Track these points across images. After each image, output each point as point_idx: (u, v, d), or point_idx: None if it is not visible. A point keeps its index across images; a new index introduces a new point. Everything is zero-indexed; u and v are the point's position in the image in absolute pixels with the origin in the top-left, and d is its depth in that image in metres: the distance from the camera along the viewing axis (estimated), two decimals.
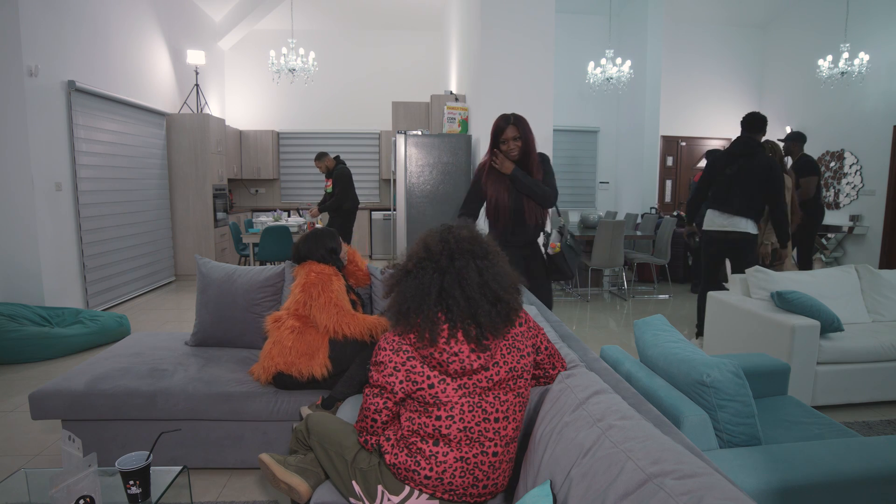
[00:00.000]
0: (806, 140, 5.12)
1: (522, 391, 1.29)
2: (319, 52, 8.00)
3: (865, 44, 6.64)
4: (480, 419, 1.22)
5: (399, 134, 4.30)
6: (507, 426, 1.25)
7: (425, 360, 1.23)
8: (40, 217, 4.12)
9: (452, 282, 1.22)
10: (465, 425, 1.21)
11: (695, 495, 0.76)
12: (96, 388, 2.08)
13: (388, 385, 1.25)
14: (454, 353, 1.21)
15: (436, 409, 1.22)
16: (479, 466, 1.23)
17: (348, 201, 5.62)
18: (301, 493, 1.41)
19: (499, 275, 1.25)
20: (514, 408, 1.26)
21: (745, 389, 1.47)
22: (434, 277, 1.23)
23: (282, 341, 2.08)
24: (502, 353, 1.25)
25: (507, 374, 1.25)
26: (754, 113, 3.54)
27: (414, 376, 1.23)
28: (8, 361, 3.48)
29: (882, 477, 1.31)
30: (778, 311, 2.87)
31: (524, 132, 2.54)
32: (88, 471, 1.34)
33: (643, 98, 7.58)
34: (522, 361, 1.28)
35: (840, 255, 7.16)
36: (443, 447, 1.22)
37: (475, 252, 1.25)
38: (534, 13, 3.91)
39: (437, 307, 1.22)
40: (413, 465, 1.23)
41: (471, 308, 1.21)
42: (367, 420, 1.31)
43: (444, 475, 1.22)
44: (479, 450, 1.22)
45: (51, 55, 4.25)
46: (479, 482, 1.23)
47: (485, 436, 1.22)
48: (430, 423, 1.23)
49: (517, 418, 1.27)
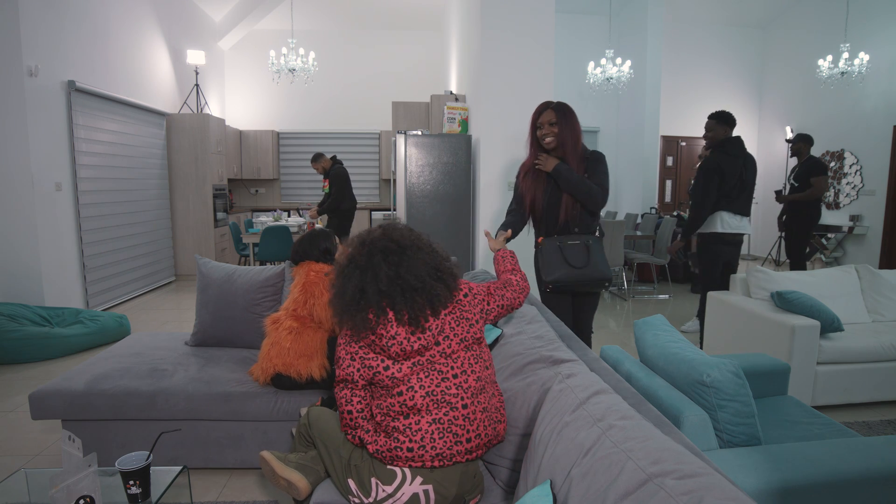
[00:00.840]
0: (813, 142, 5.07)
1: (476, 351, 1.40)
2: (319, 52, 8.00)
3: (865, 44, 6.64)
4: (439, 380, 1.32)
5: (399, 134, 4.30)
6: (469, 378, 1.34)
7: (371, 348, 1.34)
8: (40, 217, 4.12)
9: (371, 278, 1.33)
10: (426, 391, 1.30)
11: (695, 495, 0.76)
12: (96, 388, 2.08)
13: (348, 376, 1.35)
14: (391, 337, 1.31)
15: (395, 387, 1.31)
16: (454, 423, 1.30)
17: (346, 201, 5.62)
18: (300, 489, 1.42)
19: (413, 267, 1.34)
20: (469, 361, 1.37)
21: (745, 389, 1.47)
22: (356, 275, 1.35)
23: (280, 342, 2.08)
24: (451, 325, 1.37)
25: (459, 344, 1.36)
26: (727, 111, 3.54)
27: (368, 362, 1.33)
28: (8, 361, 3.48)
29: (882, 477, 1.31)
30: (778, 311, 2.87)
31: (562, 118, 2.29)
32: (88, 471, 1.34)
33: (643, 98, 7.57)
34: (472, 329, 1.41)
35: (840, 255, 7.16)
36: (414, 417, 1.29)
37: (388, 249, 1.36)
38: (534, 13, 3.91)
39: (364, 301, 1.32)
40: (394, 443, 1.29)
41: (389, 298, 1.32)
42: (344, 416, 1.38)
43: (425, 441, 1.28)
44: (447, 408, 1.31)
45: (51, 55, 4.25)
46: (460, 438, 1.30)
47: (448, 393, 1.31)
48: (396, 402, 1.31)
49: (476, 369, 1.37)
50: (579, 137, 2.33)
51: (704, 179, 3.48)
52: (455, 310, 1.39)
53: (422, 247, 1.40)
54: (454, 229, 4.37)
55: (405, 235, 1.41)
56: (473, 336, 1.41)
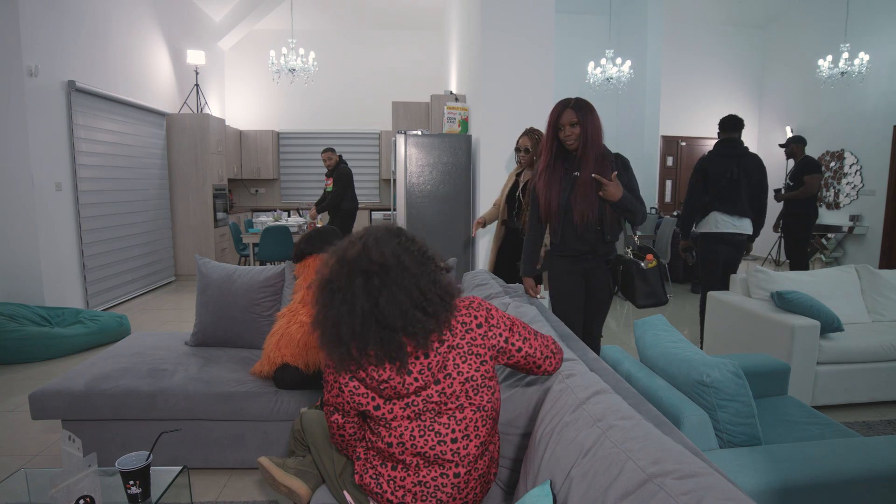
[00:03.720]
0: (807, 143, 5.16)
1: (484, 403, 1.16)
2: (319, 52, 8.00)
3: (865, 44, 6.64)
4: (435, 443, 1.13)
5: (399, 134, 4.30)
6: (469, 444, 1.15)
7: (363, 383, 1.13)
8: (40, 217, 4.12)
9: (346, 311, 1.08)
10: (417, 451, 1.13)
11: (695, 495, 0.76)
12: (96, 388, 2.08)
13: (338, 405, 1.20)
14: (384, 381, 1.10)
15: (385, 431, 1.14)
16: (440, 489, 1.14)
17: (347, 201, 5.62)
18: (301, 495, 1.41)
19: (395, 298, 1.07)
20: (476, 423, 1.15)
21: (745, 389, 1.47)
22: (336, 302, 1.10)
23: (290, 334, 2.08)
24: (455, 362, 1.13)
25: (462, 385, 1.13)
26: (733, 115, 3.67)
27: (357, 398, 1.14)
28: (8, 361, 3.48)
29: (882, 477, 1.31)
30: (778, 311, 2.87)
31: (584, 117, 2.14)
32: (88, 471, 1.34)
33: (643, 98, 7.57)
34: (483, 368, 1.16)
35: (840, 255, 7.16)
36: (400, 471, 1.16)
37: (369, 271, 1.08)
38: (534, 13, 3.90)
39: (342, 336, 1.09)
40: (376, 487, 1.18)
41: (363, 340, 1.07)
42: (335, 436, 1.29)
43: (406, 499, 1.15)
44: (438, 472, 1.14)
45: (51, 55, 4.25)
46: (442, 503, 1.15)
47: (443, 458, 1.13)
48: (384, 446, 1.16)
49: (480, 434, 1.16)
50: (601, 134, 2.19)
51: (691, 180, 3.70)
52: (462, 343, 1.14)
53: (408, 265, 1.10)
54: (454, 229, 4.36)
55: (388, 253, 1.10)
56: (483, 375, 1.15)
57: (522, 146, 3.16)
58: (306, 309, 2.15)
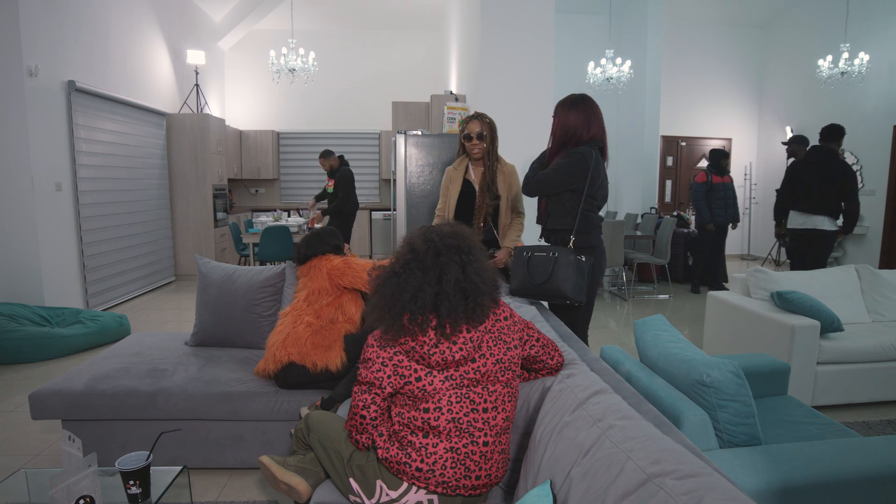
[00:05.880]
0: (809, 143, 5.16)
1: (511, 382, 1.32)
2: (319, 52, 8.00)
3: (865, 44, 6.64)
4: (469, 409, 1.25)
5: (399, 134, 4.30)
6: (497, 416, 1.28)
7: (410, 355, 1.27)
8: (40, 217, 4.12)
9: (433, 279, 1.26)
10: (453, 416, 1.24)
11: (695, 495, 0.76)
12: (96, 388, 2.08)
13: (376, 381, 1.28)
14: (434, 346, 1.25)
15: (424, 401, 1.25)
16: (469, 457, 1.25)
17: (349, 204, 5.62)
18: (301, 492, 1.41)
19: (481, 269, 1.30)
20: (504, 398, 1.29)
21: (745, 389, 1.47)
22: (418, 276, 1.27)
23: (297, 333, 2.08)
24: (488, 345, 1.30)
25: (494, 365, 1.29)
26: (834, 124, 4.18)
27: (402, 370, 1.26)
28: (8, 361, 3.48)
29: (882, 477, 1.31)
30: (778, 311, 2.87)
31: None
32: (88, 471, 1.34)
33: (643, 98, 7.57)
34: (509, 353, 1.33)
35: (840, 255, 7.16)
36: (433, 439, 1.24)
37: (459, 247, 1.30)
38: (534, 13, 3.90)
39: (422, 304, 1.25)
40: (404, 457, 1.25)
41: (449, 302, 1.25)
42: (355, 418, 1.33)
43: (436, 466, 1.23)
44: (468, 440, 1.25)
45: (51, 55, 4.25)
46: (471, 473, 1.25)
47: (474, 426, 1.25)
48: (419, 417, 1.25)
49: (507, 409, 1.30)
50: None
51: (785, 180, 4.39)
52: (493, 329, 1.32)
53: (484, 250, 1.35)
54: None
55: (470, 235, 1.35)
56: (510, 359, 1.32)
57: (474, 132, 2.67)
58: (312, 309, 2.15)
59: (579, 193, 2.26)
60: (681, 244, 6.31)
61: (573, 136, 2.27)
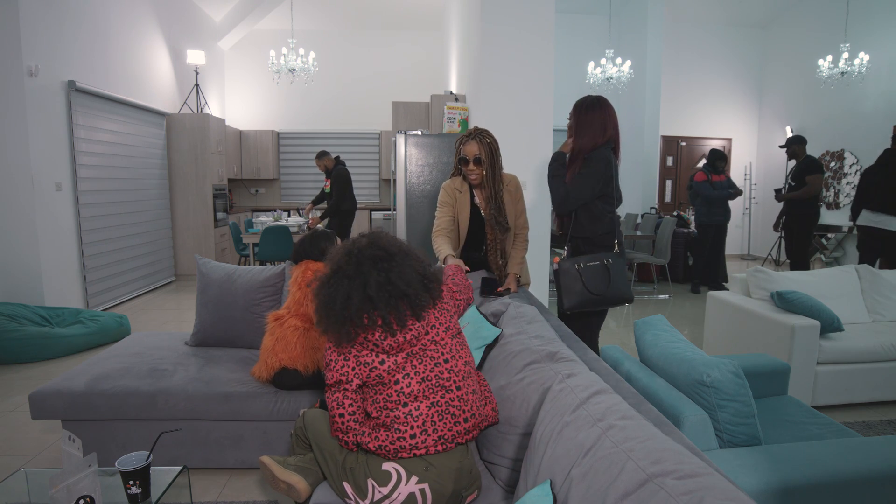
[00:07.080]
0: (807, 142, 5.18)
1: (458, 332, 1.49)
2: (319, 52, 8.00)
3: (865, 44, 6.64)
4: (432, 366, 1.36)
5: (399, 134, 4.29)
6: (458, 362, 1.40)
7: (364, 345, 1.35)
8: (40, 217, 4.12)
9: (359, 285, 1.34)
10: (421, 377, 1.34)
11: (695, 495, 0.76)
12: (96, 388, 2.08)
13: (343, 377, 1.35)
14: (383, 338, 1.35)
15: (392, 378, 1.34)
16: (451, 404, 1.34)
17: (346, 203, 5.62)
18: (300, 490, 1.42)
19: (403, 273, 1.37)
20: (456, 346, 1.43)
21: (745, 389, 1.47)
22: (345, 283, 1.35)
23: (286, 338, 2.08)
24: (435, 316, 1.42)
25: (446, 332, 1.42)
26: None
27: (363, 359, 1.34)
28: (8, 361, 3.48)
29: (882, 477, 1.31)
30: (778, 311, 2.87)
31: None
32: (88, 471, 1.34)
33: (643, 98, 7.57)
34: (453, 319, 1.49)
35: (840, 255, 7.16)
36: (413, 404, 1.32)
37: (376, 256, 1.38)
38: (534, 13, 3.90)
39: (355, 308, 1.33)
40: (395, 434, 1.29)
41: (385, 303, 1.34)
42: (335, 420, 1.37)
43: (426, 426, 1.30)
44: (443, 391, 1.35)
45: (51, 55, 4.25)
46: (458, 419, 1.34)
47: (441, 378, 1.36)
48: (393, 392, 1.33)
49: (462, 354, 1.44)
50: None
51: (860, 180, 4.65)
52: (436, 307, 1.44)
53: (409, 253, 1.43)
54: None
55: (392, 243, 1.43)
56: (455, 325, 1.48)
57: (471, 156, 2.33)
58: (297, 312, 2.14)
59: (607, 198, 2.34)
60: (681, 244, 6.31)
61: (591, 141, 2.32)
